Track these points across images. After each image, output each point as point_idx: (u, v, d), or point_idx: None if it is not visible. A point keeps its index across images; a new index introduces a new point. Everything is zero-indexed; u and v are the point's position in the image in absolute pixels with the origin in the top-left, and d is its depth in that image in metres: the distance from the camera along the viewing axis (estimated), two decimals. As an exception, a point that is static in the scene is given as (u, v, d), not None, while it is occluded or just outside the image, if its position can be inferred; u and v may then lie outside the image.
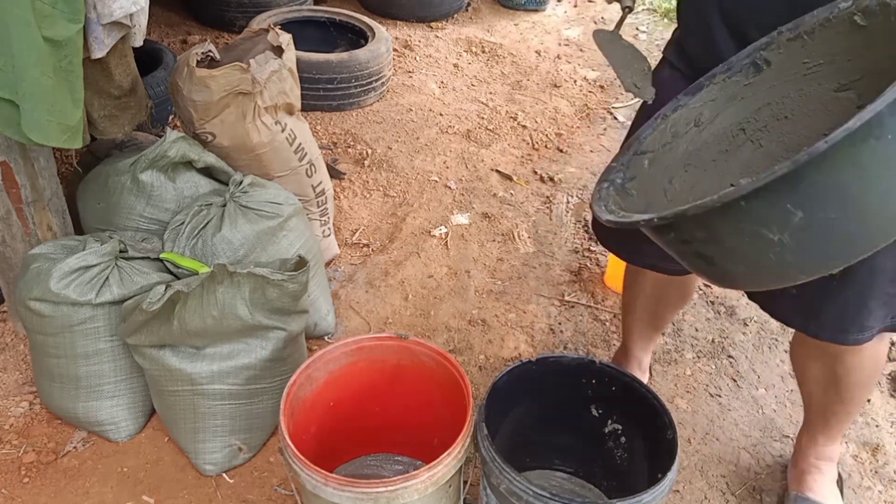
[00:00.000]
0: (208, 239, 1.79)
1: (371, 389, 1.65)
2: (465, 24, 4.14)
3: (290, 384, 1.48)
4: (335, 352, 1.58)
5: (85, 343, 1.70)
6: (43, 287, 1.63)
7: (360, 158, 2.93)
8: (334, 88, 3.13)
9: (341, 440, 1.69)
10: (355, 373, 1.61)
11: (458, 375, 1.50)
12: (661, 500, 1.33)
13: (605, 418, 1.58)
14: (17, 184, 1.74)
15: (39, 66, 1.46)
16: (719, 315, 2.33)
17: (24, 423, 1.85)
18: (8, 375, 1.96)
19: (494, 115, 3.33)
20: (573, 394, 1.55)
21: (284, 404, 1.44)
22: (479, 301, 2.34)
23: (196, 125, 1.98)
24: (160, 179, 1.87)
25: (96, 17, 1.59)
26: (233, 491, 1.74)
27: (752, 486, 1.84)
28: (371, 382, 1.64)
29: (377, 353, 1.59)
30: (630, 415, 1.53)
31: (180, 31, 3.68)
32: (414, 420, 1.66)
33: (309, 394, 1.55)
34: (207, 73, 1.90)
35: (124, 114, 1.93)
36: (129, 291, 1.68)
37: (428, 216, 2.67)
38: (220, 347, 1.66)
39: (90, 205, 1.94)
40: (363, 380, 1.63)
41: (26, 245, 1.83)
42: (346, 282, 2.36)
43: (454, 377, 1.50)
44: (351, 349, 1.58)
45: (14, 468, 1.74)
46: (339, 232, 2.54)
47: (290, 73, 2.04)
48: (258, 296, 1.62)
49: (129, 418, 1.81)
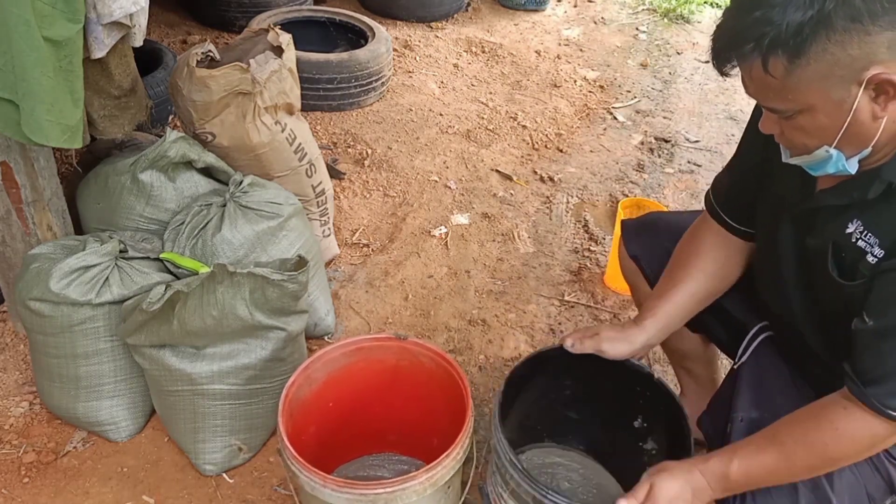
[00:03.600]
0: (208, 239, 1.79)
1: (370, 390, 1.65)
2: (465, 24, 4.14)
3: (289, 385, 1.48)
4: (334, 352, 1.58)
5: (85, 343, 1.70)
6: (43, 287, 1.63)
7: (359, 158, 2.93)
8: (334, 88, 3.13)
9: (341, 440, 1.69)
10: (354, 373, 1.61)
11: (458, 376, 1.50)
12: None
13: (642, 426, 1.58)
14: (17, 184, 1.74)
15: (39, 66, 1.46)
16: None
17: (24, 423, 1.85)
18: (8, 375, 1.96)
19: (494, 115, 3.33)
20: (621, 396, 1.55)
21: (283, 405, 1.44)
22: (479, 301, 2.34)
23: (196, 125, 1.98)
24: (160, 179, 1.87)
25: (96, 17, 1.59)
26: (233, 491, 1.74)
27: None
28: (370, 383, 1.64)
29: (376, 353, 1.59)
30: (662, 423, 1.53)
31: (180, 32, 3.68)
32: (414, 420, 1.67)
33: (308, 395, 1.55)
34: (207, 73, 1.90)
35: (124, 114, 1.93)
36: (129, 291, 1.68)
37: (428, 216, 2.67)
38: (219, 347, 1.66)
39: (90, 205, 1.94)
40: (362, 380, 1.63)
41: (26, 245, 1.83)
42: (346, 282, 2.36)
43: (453, 378, 1.51)
44: (350, 350, 1.58)
45: (14, 468, 1.74)
46: (339, 232, 2.54)
47: (290, 73, 2.03)
48: (258, 296, 1.62)
49: (128, 418, 1.81)
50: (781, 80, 1.04)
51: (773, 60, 1.03)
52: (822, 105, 1.05)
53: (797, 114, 1.08)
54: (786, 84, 1.04)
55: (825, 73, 1.02)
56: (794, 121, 1.09)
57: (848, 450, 1.16)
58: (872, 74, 1.00)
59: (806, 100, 1.05)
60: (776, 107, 1.10)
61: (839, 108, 1.05)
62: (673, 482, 1.22)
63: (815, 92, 1.04)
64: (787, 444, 1.18)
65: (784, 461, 1.18)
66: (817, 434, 1.16)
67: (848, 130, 1.07)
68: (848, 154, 1.11)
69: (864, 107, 1.04)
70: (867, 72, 1.00)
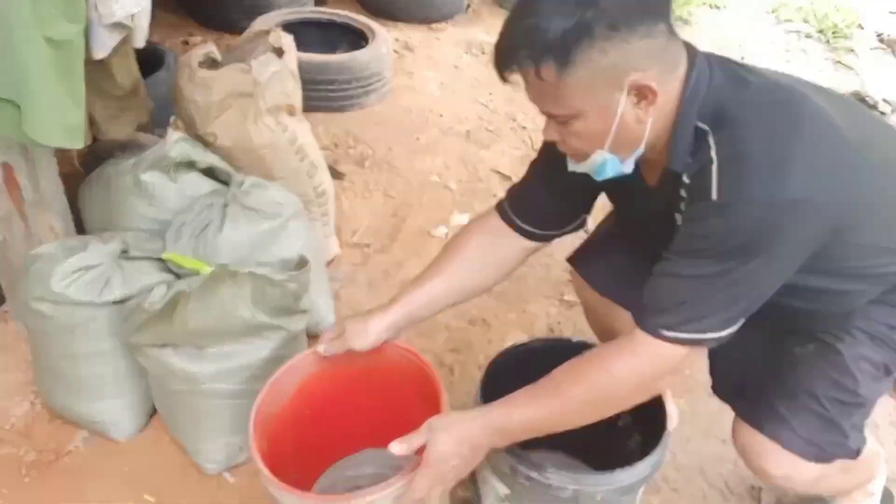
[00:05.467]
0: (210, 239, 1.79)
1: (346, 394, 1.61)
2: (466, 26, 4.15)
3: (258, 404, 1.43)
4: (301, 362, 1.53)
5: (86, 343, 1.70)
6: (45, 287, 1.64)
7: (360, 159, 2.93)
8: (335, 89, 3.13)
9: (322, 445, 1.66)
10: (325, 379, 1.56)
11: (429, 372, 1.46)
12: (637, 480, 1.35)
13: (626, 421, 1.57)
14: (19, 184, 1.75)
15: (41, 67, 1.46)
16: (719, 315, 2.33)
17: (26, 422, 1.85)
18: (9, 375, 1.96)
19: (494, 116, 3.34)
20: None
21: (254, 425, 1.39)
22: (478, 301, 2.34)
23: (198, 126, 1.99)
24: (162, 180, 1.88)
25: (98, 18, 1.59)
26: (234, 490, 1.74)
27: (751, 486, 1.84)
28: (344, 387, 1.60)
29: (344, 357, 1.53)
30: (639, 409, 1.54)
31: (182, 33, 3.69)
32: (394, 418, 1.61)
33: (279, 409, 1.50)
34: (209, 75, 1.90)
35: (126, 114, 1.94)
36: (131, 291, 1.68)
37: (428, 217, 2.68)
38: (221, 347, 1.67)
39: (92, 205, 1.95)
40: (336, 385, 1.58)
41: (28, 245, 1.83)
42: (347, 282, 2.37)
43: (426, 374, 1.47)
44: (316, 358, 1.53)
45: (15, 468, 1.75)
46: (340, 232, 2.54)
47: (291, 75, 2.04)
48: (260, 296, 1.63)
49: (130, 418, 1.81)
50: (554, 86, 1.11)
51: (544, 66, 1.09)
52: (592, 110, 1.13)
53: (572, 119, 1.15)
54: (558, 90, 1.11)
55: (591, 79, 1.09)
56: (570, 126, 1.17)
57: (618, 387, 1.21)
58: (632, 80, 1.09)
59: (577, 105, 1.13)
60: (552, 112, 1.17)
61: (607, 113, 1.13)
62: (448, 440, 1.25)
63: (584, 97, 1.11)
64: (563, 385, 1.22)
65: (560, 404, 1.22)
66: (591, 374, 1.21)
67: (618, 135, 1.16)
68: (623, 157, 1.20)
69: (628, 111, 1.13)
70: (628, 77, 1.09)
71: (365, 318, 1.47)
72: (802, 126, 1.12)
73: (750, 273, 1.11)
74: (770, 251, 1.10)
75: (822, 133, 1.13)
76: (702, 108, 1.14)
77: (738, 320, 1.17)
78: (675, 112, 1.16)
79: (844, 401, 1.35)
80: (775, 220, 1.08)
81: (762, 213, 1.08)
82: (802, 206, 1.08)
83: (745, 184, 1.09)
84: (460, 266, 1.48)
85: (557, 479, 1.32)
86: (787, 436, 1.34)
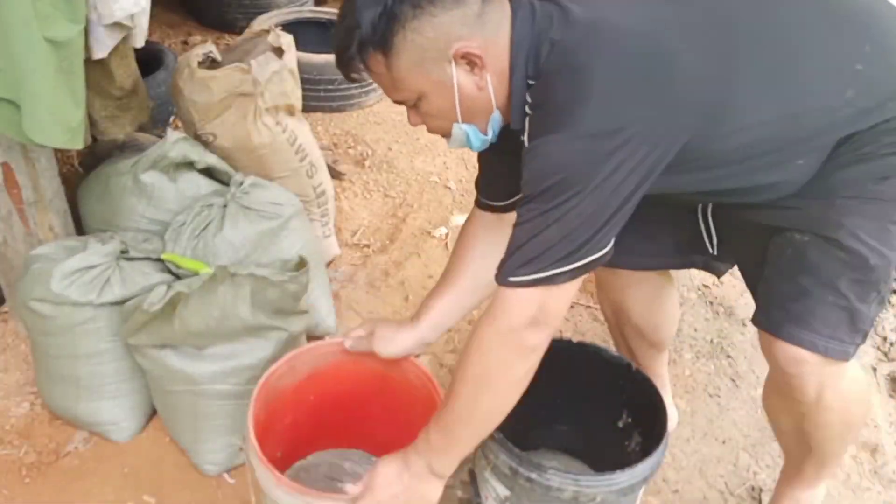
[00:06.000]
0: (209, 239, 1.79)
1: (355, 393, 1.63)
2: (466, 25, 4.14)
3: (271, 373, 1.47)
4: (323, 348, 1.57)
5: (86, 343, 1.70)
6: (44, 288, 1.64)
7: (360, 159, 2.93)
8: (335, 89, 3.13)
9: (316, 434, 1.69)
10: (340, 373, 1.58)
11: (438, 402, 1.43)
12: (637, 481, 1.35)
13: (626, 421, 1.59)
14: (19, 184, 1.75)
15: (40, 67, 1.46)
16: (718, 315, 2.33)
17: (26, 423, 1.85)
18: (9, 376, 1.96)
19: (494, 115, 3.33)
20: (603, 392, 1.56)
21: (258, 391, 1.43)
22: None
23: (197, 126, 1.99)
24: (161, 180, 1.88)
25: (97, 17, 1.59)
26: (234, 491, 1.74)
27: (751, 486, 1.84)
28: (356, 386, 1.61)
29: (365, 357, 1.55)
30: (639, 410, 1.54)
31: (181, 33, 3.69)
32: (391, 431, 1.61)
33: (289, 385, 1.54)
34: (208, 75, 1.90)
35: (125, 114, 1.94)
36: (131, 292, 1.68)
37: (428, 217, 2.67)
38: (221, 348, 1.67)
39: (91, 205, 1.95)
40: (348, 381, 1.60)
41: (27, 246, 1.83)
42: (347, 282, 2.36)
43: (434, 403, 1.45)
44: (340, 349, 1.56)
45: (15, 468, 1.75)
46: (340, 232, 2.54)
47: (290, 74, 2.04)
48: (259, 296, 1.63)
49: (130, 418, 1.81)
50: (388, 75, 1.15)
51: (371, 60, 1.14)
52: (431, 88, 1.16)
53: (419, 101, 1.19)
54: (393, 77, 1.15)
55: (417, 59, 1.13)
56: (421, 108, 1.20)
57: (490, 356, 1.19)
58: (455, 50, 1.12)
59: (415, 86, 1.16)
60: (399, 98, 1.20)
61: (444, 88, 1.16)
62: (389, 467, 1.26)
63: (418, 78, 1.15)
64: (455, 380, 1.22)
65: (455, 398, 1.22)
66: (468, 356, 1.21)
67: (464, 105, 1.18)
68: (481, 126, 1.22)
69: (464, 81, 1.16)
70: (450, 49, 1.12)
71: (397, 327, 1.51)
72: (603, 56, 1.11)
73: (573, 207, 1.10)
74: (586, 182, 1.09)
75: (626, 55, 1.11)
76: (527, 61, 1.16)
77: (583, 251, 1.13)
78: (508, 71, 1.17)
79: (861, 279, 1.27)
80: (578, 156, 1.09)
81: (562, 151, 1.09)
82: (602, 136, 1.08)
83: (545, 128, 1.11)
84: (472, 261, 1.50)
85: (557, 480, 1.33)
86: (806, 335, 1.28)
